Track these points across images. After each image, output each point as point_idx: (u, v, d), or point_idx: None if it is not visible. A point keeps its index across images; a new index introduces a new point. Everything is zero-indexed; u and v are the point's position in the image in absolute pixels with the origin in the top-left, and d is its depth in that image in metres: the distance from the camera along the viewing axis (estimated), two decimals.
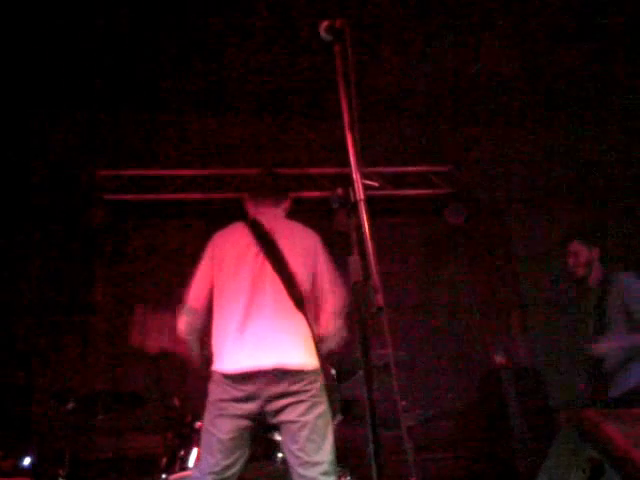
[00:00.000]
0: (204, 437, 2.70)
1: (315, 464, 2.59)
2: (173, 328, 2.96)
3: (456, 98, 5.32)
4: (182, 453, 3.24)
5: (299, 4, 4.06)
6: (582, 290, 3.88)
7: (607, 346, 3.52)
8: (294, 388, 2.63)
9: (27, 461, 3.74)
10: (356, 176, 1.77)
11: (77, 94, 4.86)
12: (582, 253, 3.74)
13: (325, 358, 2.84)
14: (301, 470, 2.60)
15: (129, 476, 4.17)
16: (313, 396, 2.65)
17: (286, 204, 3.11)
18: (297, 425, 2.62)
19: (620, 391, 3.51)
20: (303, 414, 2.62)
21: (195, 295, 2.86)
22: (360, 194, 1.76)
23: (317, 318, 2.84)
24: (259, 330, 2.69)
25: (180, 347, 2.97)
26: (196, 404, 2.79)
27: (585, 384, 3.76)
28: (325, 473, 2.60)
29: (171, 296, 2.98)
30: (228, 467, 2.62)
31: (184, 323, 2.85)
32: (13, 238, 4.96)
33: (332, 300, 2.84)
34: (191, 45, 4.50)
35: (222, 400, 2.65)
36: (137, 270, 5.13)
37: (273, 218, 2.99)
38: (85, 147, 5.23)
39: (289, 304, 2.74)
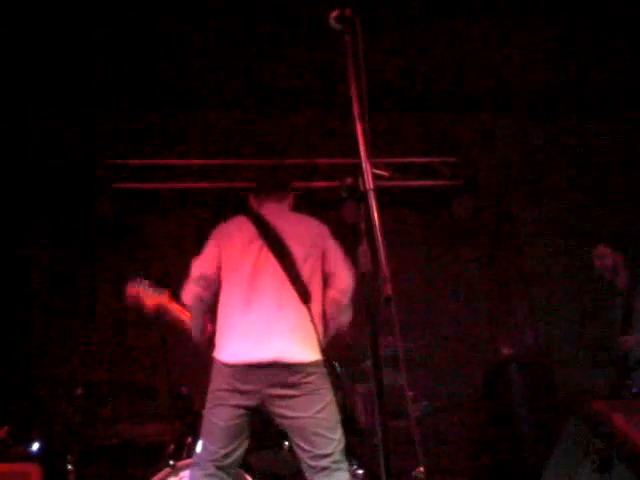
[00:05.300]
0: (205, 425, 2.75)
1: (325, 456, 2.60)
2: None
3: (464, 88, 5.28)
4: (189, 441, 3.26)
5: None
6: (612, 294, 4.01)
7: (635, 341, 3.58)
8: (294, 380, 2.63)
9: (36, 447, 3.76)
10: (366, 166, 1.76)
11: (84, 86, 4.85)
12: (607, 256, 3.90)
13: (330, 344, 2.84)
14: (312, 462, 2.61)
15: (136, 463, 4.19)
16: (316, 388, 2.66)
17: (289, 200, 3.10)
18: (301, 421, 2.62)
19: None
20: (306, 409, 2.62)
21: (204, 265, 2.86)
22: (370, 183, 1.75)
23: (325, 298, 2.84)
24: (260, 322, 2.71)
25: (183, 312, 3.03)
26: (204, 393, 2.81)
27: (606, 380, 3.84)
28: (336, 462, 2.62)
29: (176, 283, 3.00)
30: (228, 455, 2.66)
31: (191, 292, 2.85)
32: (18, 229, 4.98)
33: (341, 281, 2.84)
34: (195, 38, 4.47)
35: (222, 390, 2.68)
36: (143, 258, 5.12)
37: (277, 213, 3.00)
38: (91, 136, 5.23)
39: (293, 297, 2.75)
